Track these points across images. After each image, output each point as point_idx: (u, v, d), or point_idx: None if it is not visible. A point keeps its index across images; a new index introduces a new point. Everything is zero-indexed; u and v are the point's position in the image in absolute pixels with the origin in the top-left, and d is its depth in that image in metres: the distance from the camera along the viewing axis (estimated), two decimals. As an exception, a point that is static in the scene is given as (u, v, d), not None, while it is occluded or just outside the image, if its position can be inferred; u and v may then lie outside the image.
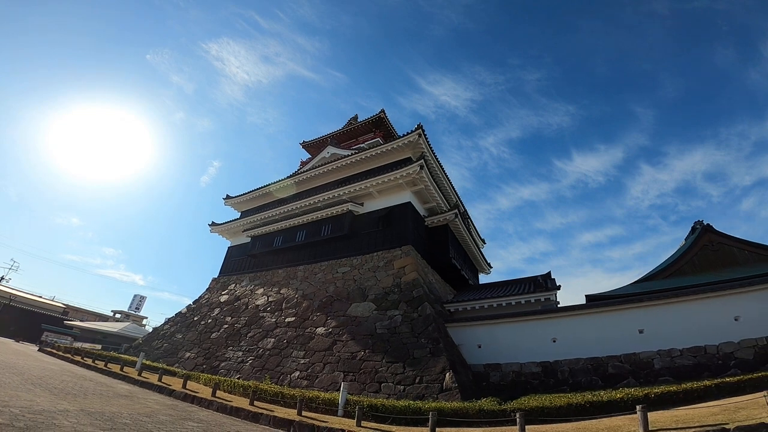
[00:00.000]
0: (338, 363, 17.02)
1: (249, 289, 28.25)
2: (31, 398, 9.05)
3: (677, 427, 6.52)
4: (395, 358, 15.73)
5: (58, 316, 50.06)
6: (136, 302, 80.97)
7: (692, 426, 6.38)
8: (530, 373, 15.55)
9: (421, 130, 24.26)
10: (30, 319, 42.81)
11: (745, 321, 13.31)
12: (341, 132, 35.88)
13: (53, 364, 20.51)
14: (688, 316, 14.22)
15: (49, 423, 6.85)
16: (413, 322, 17.12)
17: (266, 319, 23.43)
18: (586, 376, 14.58)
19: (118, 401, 10.89)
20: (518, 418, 7.45)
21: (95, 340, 39.75)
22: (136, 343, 31.68)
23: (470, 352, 17.09)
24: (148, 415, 9.17)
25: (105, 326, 43.74)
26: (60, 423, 6.96)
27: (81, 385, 13.28)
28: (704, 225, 24.70)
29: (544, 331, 16.06)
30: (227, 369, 20.98)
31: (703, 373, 12.89)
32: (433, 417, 8.41)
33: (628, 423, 7.42)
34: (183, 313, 31.24)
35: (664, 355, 13.88)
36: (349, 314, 19.72)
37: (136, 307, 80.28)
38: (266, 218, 30.55)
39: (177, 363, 24.17)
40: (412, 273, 19.95)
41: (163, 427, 7.88)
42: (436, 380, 13.92)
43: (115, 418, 8.25)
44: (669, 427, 6.54)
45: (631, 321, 14.92)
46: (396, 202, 23.91)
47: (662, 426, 6.75)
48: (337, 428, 9.02)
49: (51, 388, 11.21)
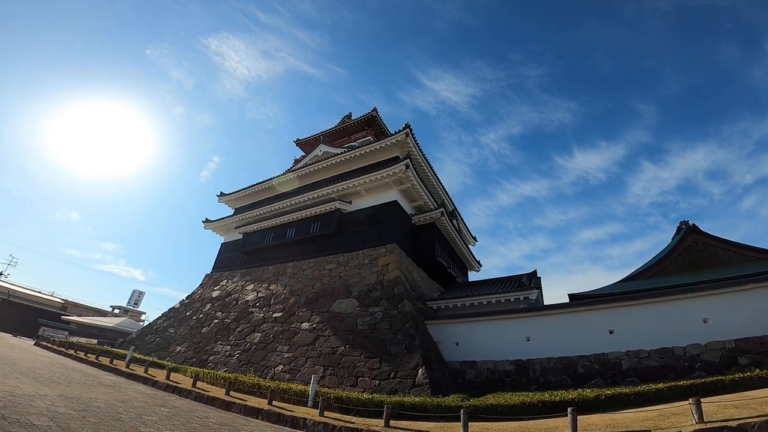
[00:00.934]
0: (320, 357, 17.71)
1: (240, 285, 29.01)
2: (16, 385, 9.78)
3: (604, 431, 7.02)
4: (373, 353, 16.39)
5: (56, 311, 51.27)
6: (135, 297, 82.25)
7: (618, 430, 6.88)
8: (504, 371, 16.08)
9: (409, 129, 24.81)
10: (28, 315, 43.97)
11: (713, 323, 13.63)
12: (334, 130, 36.46)
13: (46, 357, 21.36)
14: (658, 318, 14.48)
15: (26, 404, 7.56)
16: (392, 319, 17.76)
17: (255, 315, 24.17)
18: (557, 375, 15.02)
19: (100, 390, 11.62)
20: (462, 414, 8.06)
21: (92, 334, 40.79)
22: (129, 337, 32.58)
23: (448, 349, 17.70)
24: (123, 401, 9.89)
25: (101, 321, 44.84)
26: (36, 405, 7.67)
27: (67, 375, 14.04)
28: (689, 225, 25.12)
29: (518, 330, 16.59)
30: (215, 362, 21.73)
31: (668, 375, 13.18)
32: (388, 409, 9.07)
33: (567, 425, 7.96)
34: (176, 308, 32.08)
35: (632, 355, 14.22)
36: (332, 310, 20.40)
37: (135, 303, 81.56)
38: (258, 215, 31.27)
39: (168, 357, 24.97)
40: (394, 271, 20.58)
41: (133, 411, 8.59)
42: (409, 376, 14.56)
43: (91, 403, 8.96)
44: (597, 430, 7.04)
45: (601, 321, 15.30)
46: (383, 200, 24.53)
47: (591, 429, 7.23)
48: (300, 416, 9.70)
49: (37, 377, 11.96)
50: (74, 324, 43.25)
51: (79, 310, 69.77)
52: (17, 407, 7.17)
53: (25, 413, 6.84)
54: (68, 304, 68.50)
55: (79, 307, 72.50)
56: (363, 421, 9.45)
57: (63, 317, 45.83)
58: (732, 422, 6.09)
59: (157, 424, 7.71)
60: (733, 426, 5.95)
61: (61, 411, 7.52)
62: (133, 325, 46.49)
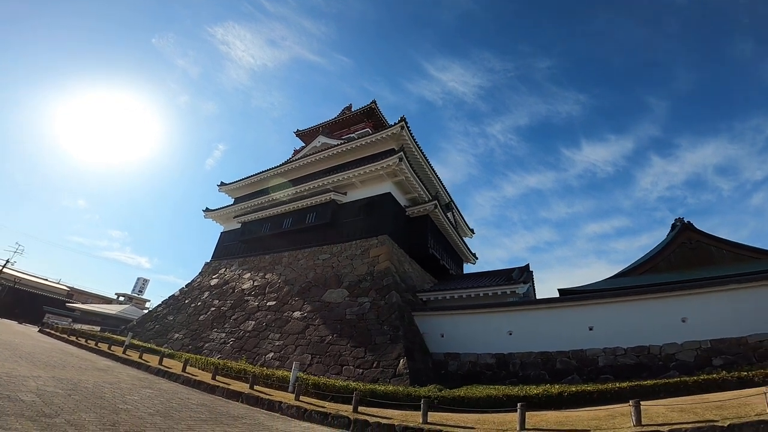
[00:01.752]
0: (308, 346, 18.40)
1: (238, 273, 29.77)
2: (13, 367, 10.53)
3: (549, 428, 7.39)
4: (359, 343, 17.00)
5: (62, 298, 52.92)
6: (140, 285, 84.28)
7: (564, 428, 7.26)
8: (485, 363, 16.48)
9: (404, 122, 25.08)
10: (33, 302, 45.46)
11: (691, 323, 13.74)
12: (334, 121, 36.78)
13: (48, 343, 22.38)
14: (637, 316, 14.65)
15: (18, 384, 8.25)
16: (379, 310, 18.34)
17: (250, 303, 24.93)
18: (536, 370, 15.32)
19: (92, 373, 12.38)
20: (422, 404, 8.61)
21: (95, 321, 42.16)
22: (130, 324, 33.72)
23: (434, 340, 18.24)
24: (111, 383, 10.61)
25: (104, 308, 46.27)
26: (28, 384, 8.36)
27: (64, 359, 14.88)
28: (684, 222, 25.24)
29: (501, 323, 16.96)
30: (210, 349, 22.57)
31: (642, 373, 13.31)
32: (357, 396, 9.67)
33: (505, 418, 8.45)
34: (175, 296, 33.02)
35: (609, 353, 14.45)
36: (323, 300, 21.04)
37: (139, 290, 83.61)
38: (256, 205, 31.90)
39: (166, 343, 25.89)
40: (385, 262, 21.10)
41: (118, 392, 9.28)
42: (391, 365, 15.15)
43: (80, 384, 9.67)
44: (543, 427, 7.42)
45: (581, 318, 15.53)
46: (377, 192, 24.94)
47: (539, 425, 7.64)
48: (277, 400, 10.35)
49: (35, 361, 12.75)
50: (78, 311, 44.71)
51: (85, 297, 71.75)
52: (10, 386, 7.86)
53: (16, 390, 7.51)
54: (74, 292, 70.44)
55: (85, 294, 74.54)
56: (334, 406, 10.07)
57: (67, 304, 47.35)
58: (665, 427, 6.41)
59: (137, 402, 8.38)
60: (664, 431, 6.28)
61: (49, 390, 8.20)
62: (136, 312, 47.87)
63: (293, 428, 8.40)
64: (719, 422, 6.19)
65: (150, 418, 7.03)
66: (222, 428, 7.22)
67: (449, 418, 8.82)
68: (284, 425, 8.56)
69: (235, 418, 8.57)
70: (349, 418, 8.86)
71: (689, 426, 6.29)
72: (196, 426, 7.00)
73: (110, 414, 6.78)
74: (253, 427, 7.83)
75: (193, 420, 7.52)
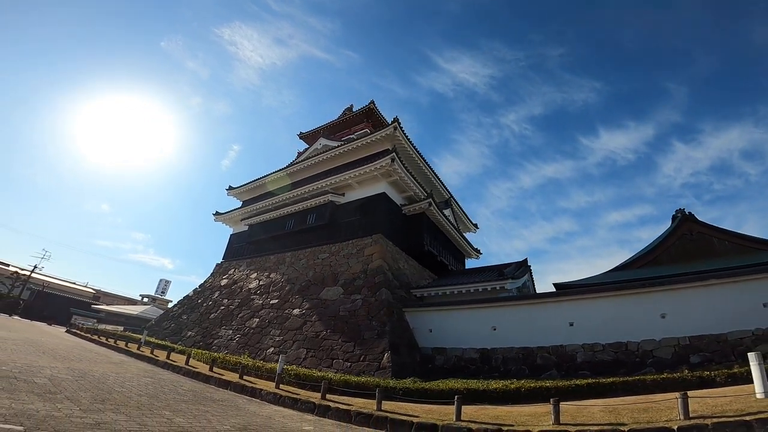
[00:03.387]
0: (304, 341, 19.92)
1: (245, 273, 31.71)
2: (34, 360, 12.39)
3: (483, 420, 8.15)
4: (349, 338, 18.37)
5: (88, 300, 57.01)
6: (162, 286, 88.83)
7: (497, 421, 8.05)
8: (469, 358, 17.39)
9: (397, 123, 26.21)
10: (61, 304, 49.36)
11: (671, 319, 13.97)
12: (336, 123, 38.21)
13: (71, 341, 24.84)
14: (616, 311, 14.97)
15: (36, 371, 9.98)
16: (370, 306, 19.64)
17: (255, 301, 26.74)
18: (517, 365, 15.96)
19: (105, 365, 14.22)
20: (377, 393, 9.84)
21: (118, 322, 45.40)
22: (149, 324, 36.35)
23: (423, 335, 19.38)
24: (117, 373, 12.34)
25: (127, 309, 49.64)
26: (44, 372, 10.09)
27: (83, 354, 16.90)
28: (685, 213, 25.30)
29: (485, 319, 17.82)
30: (218, 345, 24.48)
31: (620, 370, 13.59)
32: (324, 385, 11.04)
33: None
34: (190, 296, 35.40)
35: (588, 349, 14.89)
36: (321, 297, 22.52)
37: (162, 291, 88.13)
38: (261, 208, 33.74)
39: (180, 341, 28.06)
40: (378, 260, 22.36)
41: (120, 379, 10.95)
42: (376, 359, 16.44)
43: (89, 373, 11.40)
44: (478, 419, 8.23)
45: (563, 313, 16.01)
46: (372, 192, 26.20)
47: (476, 417, 8.46)
48: (259, 388, 11.85)
49: (55, 355, 14.71)
50: (103, 312, 48.24)
51: (111, 299, 76.38)
52: (28, 372, 9.58)
53: (31, 376, 9.21)
54: (100, 294, 75.14)
55: (110, 296, 79.31)
56: (307, 394, 11.47)
57: (93, 306, 51.06)
58: (573, 427, 7.03)
59: (133, 387, 9.98)
60: (571, 431, 6.87)
61: (61, 376, 9.90)
62: (156, 312, 51.02)
63: (264, 410, 9.82)
64: (623, 427, 6.62)
65: (137, 398, 8.57)
66: (197, 407, 8.70)
67: (403, 407, 10.00)
68: (257, 408, 10.00)
69: (215, 401, 10.07)
70: (315, 403, 10.22)
71: (595, 428, 6.83)
72: (174, 405, 8.50)
73: (105, 394, 8.36)
74: (227, 408, 9.28)
75: (175, 401, 9.04)
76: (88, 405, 6.94)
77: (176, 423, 6.69)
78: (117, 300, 77.11)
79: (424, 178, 29.73)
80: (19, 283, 45.81)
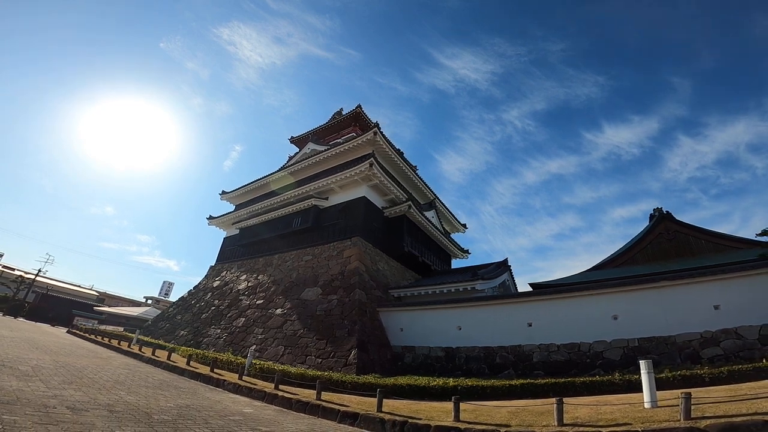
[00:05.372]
0: (284, 339, 21.45)
1: (236, 275, 33.46)
2: (25, 353, 14.09)
3: (400, 413, 9.13)
4: (323, 336, 19.83)
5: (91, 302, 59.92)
6: (165, 288, 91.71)
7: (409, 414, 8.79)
8: (436, 356, 18.68)
9: (377, 128, 27.65)
10: (65, 306, 52.13)
11: (622, 321, 14.64)
12: (325, 126, 39.79)
13: (68, 340, 26.77)
14: (571, 313, 15.83)
15: (22, 362, 11.63)
16: (344, 306, 21.08)
17: (243, 302, 28.40)
18: (478, 364, 17.14)
19: (90, 359, 15.91)
20: (317, 384, 11.28)
21: (119, 322, 47.71)
22: (146, 324, 38.37)
23: (394, 334, 20.75)
24: (99, 365, 13.98)
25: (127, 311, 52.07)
26: (29, 362, 11.74)
27: (73, 350, 18.67)
28: (662, 213, 26.18)
29: (451, 319, 19.09)
30: (207, 344, 26.17)
31: (572, 370, 14.33)
32: (278, 377, 12.56)
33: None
34: (184, 297, 37.31)
35: (544, 349, 15.81)
36: (301, 298, 24.05)
37: (165, 293, 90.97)
38: (251, 212, 35.47)
39: (173, 340, 29.86)
40: (355, 262, 23.81)
41: (97, 370, 12.57)
42: (344, 356, 17.87)
43: (72, 364, 13.05)
44: (397, 412, 9.27)
45: (522, 314, 17.10)
46: (353, 196, 27.67)
47: (394, 410, 9.52)
48: (224, 379, 13.38)
49: (46, 350, 16.45)
50: (105, 314, 50.68)
51: (116, 301, 79.30)
52: (15, 362, 11.23)
53: (17, 364, 10.86)
54: (105, 296, 78.11)
55: (115, 298, 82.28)
56: (264, 384, 12.97)
57: (95, 308, 53.66)
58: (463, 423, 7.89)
59: (106, 376, 11.57)
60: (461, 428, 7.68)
61: (44, 366, 11.53)
62: (155, 313, 53.30)
63: (218, 396, 11.33)
64: (503, 428, 7.32)
65: (103, 382, 10.14)
66: (156, 391, 10.22)
67: (342, 399, 11.38)
68: (213, 395, 11.50)
69: (177, 388, 11.61)
70: (266, 392, 11.70)
71: (480, 427, 7.57)
72: (135, 389, 10.04)
73: (75, 379, 9.94)
74: (184, 393, 10.80)
75: (137, 386, 10.58)
76: (55, 385, 8.51)
77: (125, 400, 8.21)
78: (121, 302, 80.00)
79: (408, 181, 31.11)
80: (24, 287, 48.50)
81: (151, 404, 8.24)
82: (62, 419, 5.74)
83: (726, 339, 13.27)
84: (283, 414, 9.82)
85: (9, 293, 48.12)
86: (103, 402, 7.54)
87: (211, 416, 8.01)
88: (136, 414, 6.99)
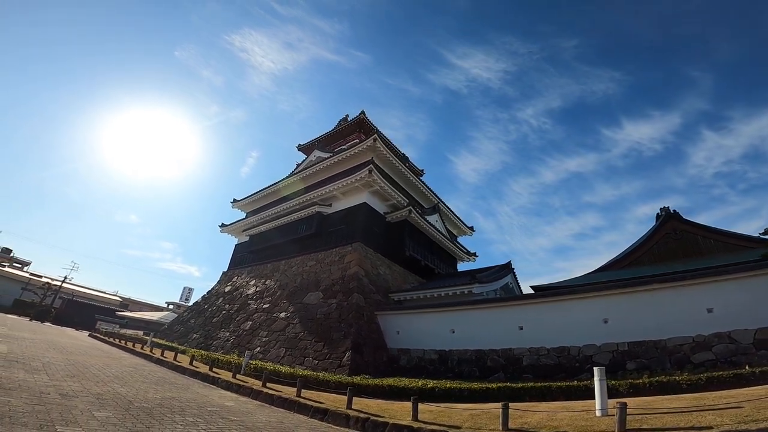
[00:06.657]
0: (285, 341, 22.50)
1: (246, 281, 34.90)
2: (42, 352, 15.53)
3: (369, 411, 9.67)
4: (321, 338, 20.76)
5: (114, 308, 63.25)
6: (185, 293, 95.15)
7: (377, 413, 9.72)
8: (429, 359, 19.17)
9: (377, 135, 28.59)
10: (89, 311, 55.50)
11: (612, 325, 14.52)
12: (331, 133, 41.04)
13: (88, 342, 28.64)
14: (562, 316, 15.82)
15: (36, 359, 12.97)
16: (342, 310, 21.97)
17: (251, 306, 29.71)
18: (469, 367, 17.46)
19: (101, 359, 17.31)
20: (297, 383, 12.16)
21: (139, 327, 50.16)
22: (162, 328, 40.32)
23: (391, 337, 21.45)
24: (107, 364, 15.30)
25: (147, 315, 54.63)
26: (42, 359, 13.08)
27: (88, 351, 20.22)
28: (669, 212, 25.97)
29: (445, 322, 19.53)
30: (216, 346, 27.55)
31: (560, 374, 14.28)
32: (266, 375, 13.50)
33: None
34: (198, 302, 39.10)
35: (534, 352, 15.89)
36: (304, 302, 25.09)
37: (186, 298, 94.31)
38: (260, 219, 36.95)
39: (186, 343, 31.45)
40: (354, 267, 24.69)
41: (103, 367, 13.83)
42: (338, 358, 18.72)
43: (81, 362, 14.38)
44: (366, 410, 9.82)
45: (513, 318, 17.28)
46: (355, 202, 28.63)
47: (364, 408, 10.07)
48: (220, 377, 14.46)
49: (62, 350, 17.97)
50: (126, 318, 53.41)
51: (139, 306, 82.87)
52: (29, 359, 12.57)
53: (30, 361, 12.19)
54: (129, 302, 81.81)
55: (138, 303, 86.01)
56: (254, 382, 13.96)
57: (117, 313, 56.60)
58: (418, 422, 8.45)
59: (109, 372, 12.79)
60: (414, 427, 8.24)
61: (54, 363, 12.85)
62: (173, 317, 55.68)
63: (208, 392, 12.37)
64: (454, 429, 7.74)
65: (106, 377, 11.32)
66: (149, 386, 11.32)
67: (321, 396, 12.18)
68: (205, 391, 12.55)
69: (172, 383, 12.72)
70: (254, 389, 12.68)
71: (431, 426, 8.06)
72: (131, 383, 11.16)
73: (79, 373, 11.16)
74: (176, 388, 11.88)
75: (134, 381, 11.73)
76: (58, 378, 9.69)
77: (117, 391, 9.30)
78: (144, 307, 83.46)
79: (411, 186, 31.86)
80: (50, 293, 51.72)
81: (139, 395, 9.30)
82: (51, 402, 6.82)
83: (719, 343, 13.01)
84: (262, 408, 10.75)
85: (36, 299, 51.37)
86: (94, 392, 8.64)
87: (190, 407, 9.00)
88: (119, 401, 8.04)
